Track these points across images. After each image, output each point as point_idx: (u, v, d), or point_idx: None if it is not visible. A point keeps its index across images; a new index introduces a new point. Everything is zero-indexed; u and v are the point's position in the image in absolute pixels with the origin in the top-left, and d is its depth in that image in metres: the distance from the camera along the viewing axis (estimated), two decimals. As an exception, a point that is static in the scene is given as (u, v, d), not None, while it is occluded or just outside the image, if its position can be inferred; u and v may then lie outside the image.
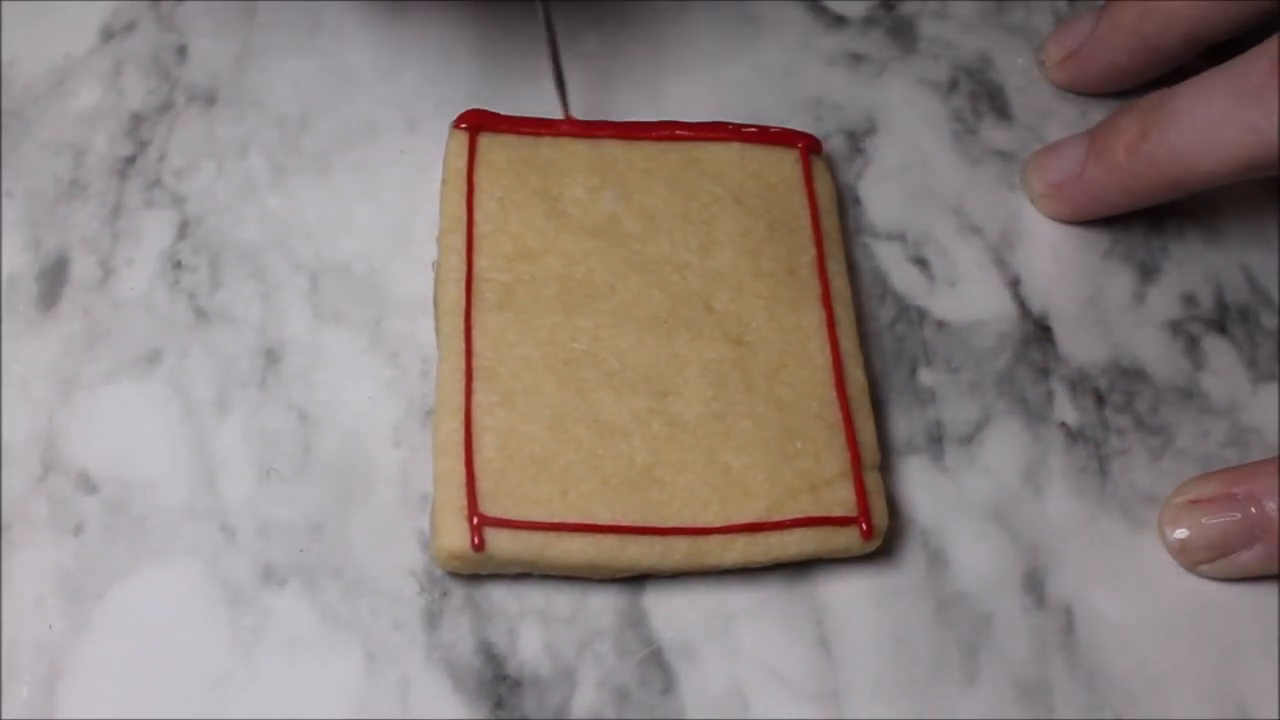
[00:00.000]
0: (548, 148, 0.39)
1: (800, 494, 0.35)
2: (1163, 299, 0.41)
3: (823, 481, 0.35)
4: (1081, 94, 0.45)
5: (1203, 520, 0.36)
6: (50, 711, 0.33)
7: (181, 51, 0.43)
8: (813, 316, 0.37)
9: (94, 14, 0.43)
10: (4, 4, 0.43)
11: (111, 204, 0.40)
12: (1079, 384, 0.40)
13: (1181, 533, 0.37)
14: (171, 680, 0.33)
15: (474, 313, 0.36)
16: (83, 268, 0.39)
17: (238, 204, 0.40)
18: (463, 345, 0.35)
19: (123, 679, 0.33)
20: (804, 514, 0.34)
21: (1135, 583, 0.37)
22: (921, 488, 0.38)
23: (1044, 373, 0.40)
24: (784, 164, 0.40)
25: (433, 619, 0.34)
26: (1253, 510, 0.36)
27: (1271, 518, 0.35)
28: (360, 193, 0.41)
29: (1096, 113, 0.44)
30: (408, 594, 0.35)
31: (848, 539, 0.35)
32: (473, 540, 0.33)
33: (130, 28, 0.43)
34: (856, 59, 0.45)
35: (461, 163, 0.38)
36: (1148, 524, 0.37)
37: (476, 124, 0.39)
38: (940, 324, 0.40)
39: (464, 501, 0.33)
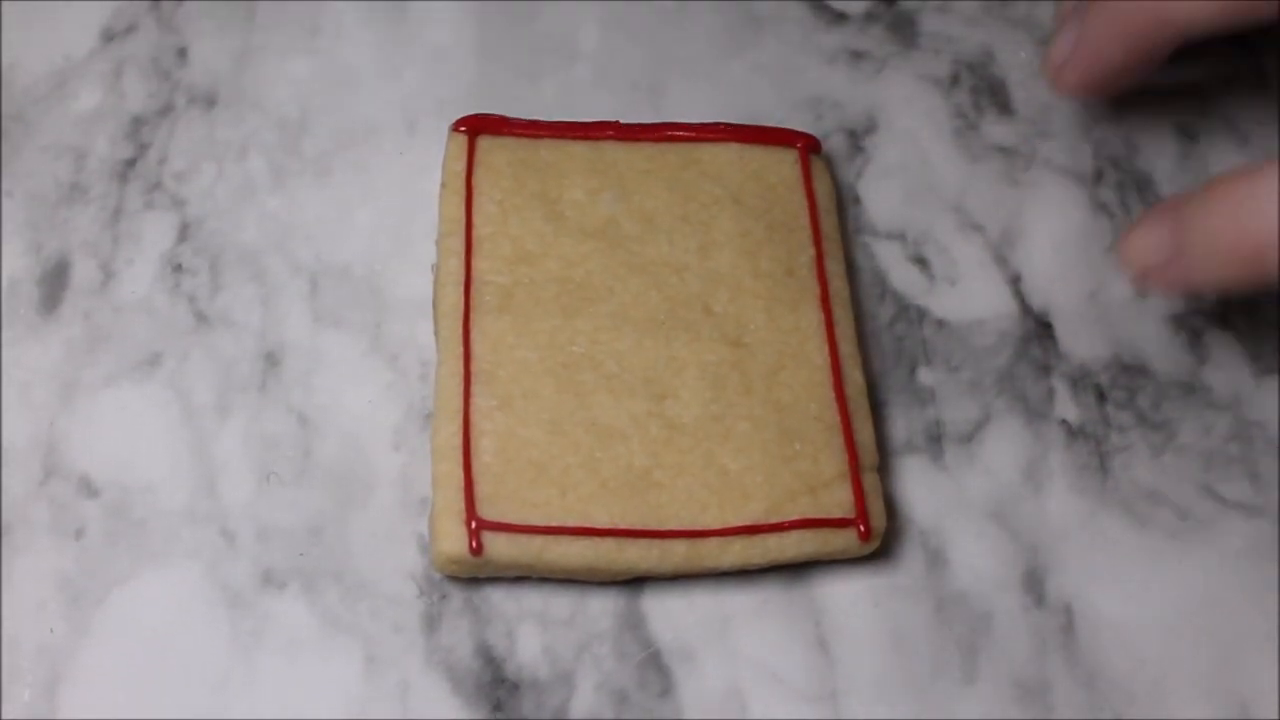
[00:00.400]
0: (547, 150, 0.39)
1: (798, 495, 0.35)
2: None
3: (821, 483, 0.35)
4: (1087, 98, 0.44)
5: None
6: (51, 715, 0.33)
7: (182, 53, 0.43)
8: (811, 317, 0.37)
9: (94, 16, 0.43)
10: (4, 6, 0.43)
11: (112, 207, 0.40)
12: (1080, 380, 0.39)
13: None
14: (172, 683, 0.33)
15: (473, 316, 0.36)
16: (83, 271, 0.39)
17: (238, 206, 0.40)
18: (461, 349, 0.36)
19: (124, 682, 0.33)
20: (802, 516, 0.34)
21: (1135, 581, 0.37)
22: (921, 487, 0.38)
23: (1045, 370, 0.40)
24: (783, 164, 0.40)
25: (432, 622, 0.35)
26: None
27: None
28: (360, 195, 0.41)
29: (1099, 105, 0.44)
30: (407, 597, 0.35)
31: (846, 541, 0.35)
32: (471, 544, 0.33)
33: (131, 29, 0.43)
34: (857, 56, 0.45)
35: (461, 165, 0.38)
36: (1149, 521, 0.37)
37: (476, 127, 0.39)
38: (940, 323, 0.40)
39: (462, 505, 0.33)
